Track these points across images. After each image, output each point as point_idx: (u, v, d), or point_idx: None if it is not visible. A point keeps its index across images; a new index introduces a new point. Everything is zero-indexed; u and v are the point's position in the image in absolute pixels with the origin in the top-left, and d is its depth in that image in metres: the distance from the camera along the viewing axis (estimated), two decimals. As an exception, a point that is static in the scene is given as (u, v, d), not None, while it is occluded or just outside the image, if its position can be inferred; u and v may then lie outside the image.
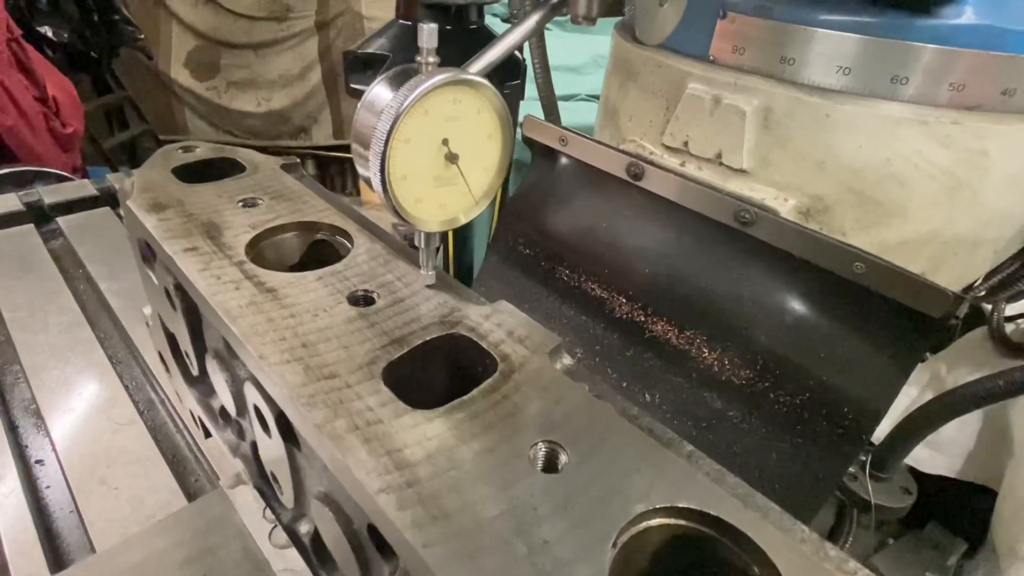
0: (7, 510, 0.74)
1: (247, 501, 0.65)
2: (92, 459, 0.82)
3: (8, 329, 1.05)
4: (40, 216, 1.36)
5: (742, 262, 0.72)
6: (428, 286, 0.56)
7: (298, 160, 0.80)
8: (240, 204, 0.68)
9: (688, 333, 0.77)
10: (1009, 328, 0.95)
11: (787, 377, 0.69)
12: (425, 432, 0.42)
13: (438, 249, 0.54)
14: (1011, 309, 0.98)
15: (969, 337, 1.00)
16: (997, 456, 0.94)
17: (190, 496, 0.79)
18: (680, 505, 0.38)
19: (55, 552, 0.72)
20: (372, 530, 0.42)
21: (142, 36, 3.31)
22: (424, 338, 0.50)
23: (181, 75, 3.98)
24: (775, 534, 0.37)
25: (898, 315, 0.61)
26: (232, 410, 0.62)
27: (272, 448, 0.53)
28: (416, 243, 0.55)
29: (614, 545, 0.36)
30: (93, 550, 0.71)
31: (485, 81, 0.48)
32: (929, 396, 0.85)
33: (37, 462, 0.83)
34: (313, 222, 0.67)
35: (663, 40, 0.53)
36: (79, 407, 0.91)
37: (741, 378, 0.72)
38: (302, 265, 0.68)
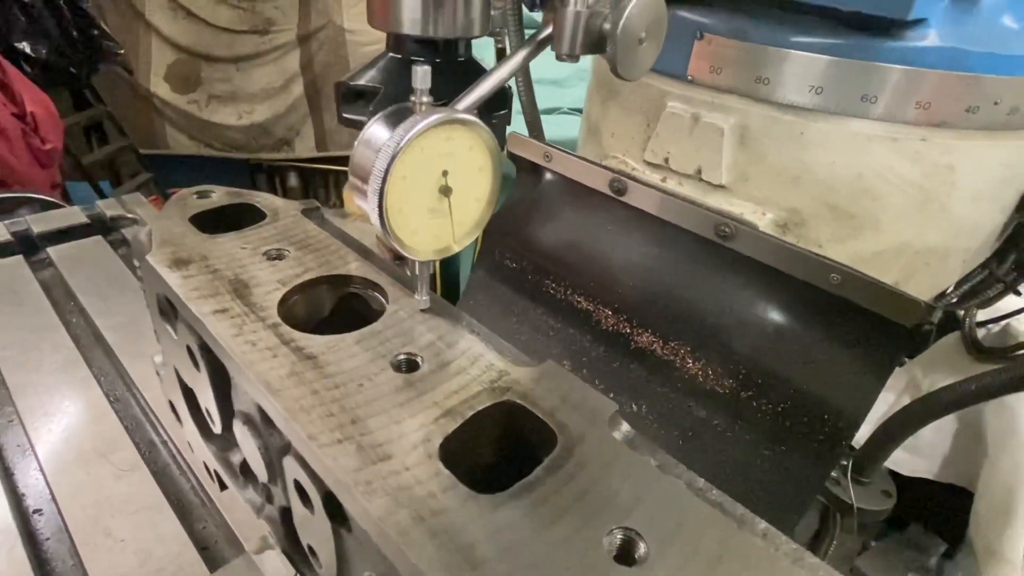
0: (4, 564, 0.69)
1: (276, 568, 0.61)
2: (95, 508, 0.77)
3: (0, 369, 1.00)
4: (28, 246, 1.31)
5: (723, 275, 0.74)
6: (422, 310, 0.57)
7: (318, 205, 0.78)
8: (266, 257, 0.65)
9: (672, 344, 0.79)
10: (981, 333, 0.99)
11: (769, 386, 0.71)
12: (495, 522, 0.38)
13: (432, 276, 0.55)
14: (983, 315, 1.01)
15: (943, 342, 1.03)
16: (973, 458, 0.96)
17: (199, 546, 0.75)
18: None
19: (57, 611, 0.68)
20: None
21: (122, 51, 3.29)
22: (476, 408, 0.47)
23: (161, 89, 3.96)
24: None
25: (873, 324, 0.63)
26: (262, 477, 0.57)
27: (314, 525, 0.49)
28: (409, 271, 0.57)
29: None
30: (99, 610, 0.67)
31: (477, 120, 0.49)
32: (906, 401, 0.87)
33: (35, 512, 0.78)
34: (345, 275, 0.64)
35: (642, 76, 0.55)
36: (78, 452, 0.86)
37: (724, 387, 0.74)
38: (332, 319, 0.65)
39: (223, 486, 0.73)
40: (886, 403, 0.98)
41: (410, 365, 0.52)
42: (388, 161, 0.45)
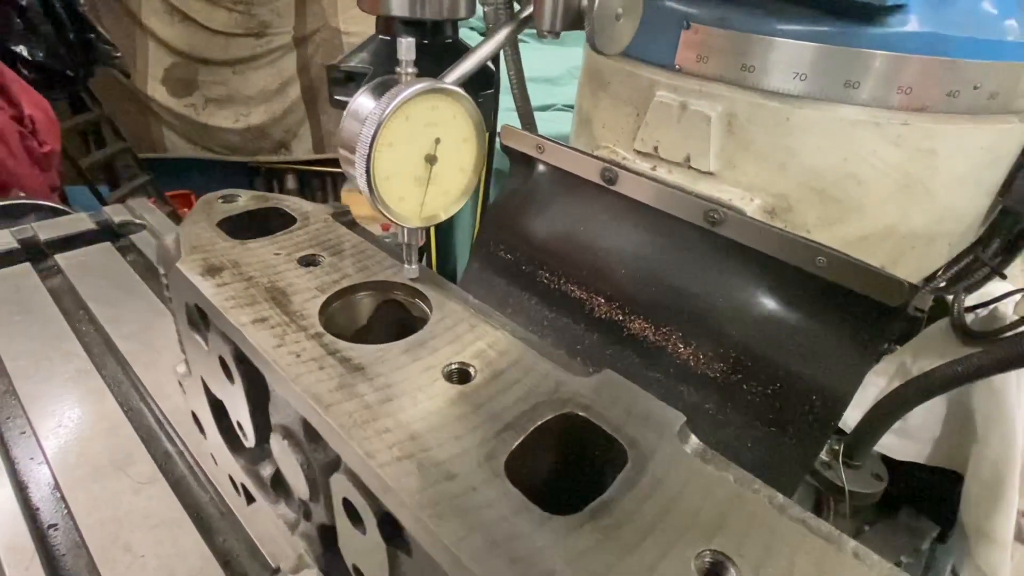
0: (20, 582, 0.68)
1: (315, 588, 0.58)
2: (113, 523, 0.75)
3: (11, 379, 0.98)
4: (36, 253, 1.29)
5: (712, 260, 0.76)
6: (411, 280, 0.59)
7: (347, 208, 0.76)
8: (301, 263, 0.63)
9: (664, 330, 0.80)
10: (969, 318, 1.00)
11: (758, 368, 0.72)
12: (574, 546, 0.36)
13: (422, 249, 0.57)
14: (971, 300, 1.02)
15: (932, 328, 1.04)
16: (962, 441, 0.98)
17: (221, 559, 0.73)
18: None
19: (78, 632, 0.66)
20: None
21: (119, 55, 3.30)
22: (537, 421, 0.45)
23: (158, 92, 3.98)
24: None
25: (859, 305, 0.64)
26: (303, 494, 0.55)
27: (365, 547, 0.46)
28: (400, 239, 0.58)
29: None
30: (122, 629, 0.65)
31: (459, 90, 0.51)
32: (896, 385, 0.88)
33: (51, 527, 0.76)
34: (385, 282, 0.62)
35: (620, 51, 0.57)
36: (94, 464, 0.84)
37: (715, 371, 0.75)
38: (369, 327, 0.64)
39: (251, 500, 0.70)
40: (877, 388, 0.99)
41: (462, 375, 0.50)
42: (375, 128, 0.47)
